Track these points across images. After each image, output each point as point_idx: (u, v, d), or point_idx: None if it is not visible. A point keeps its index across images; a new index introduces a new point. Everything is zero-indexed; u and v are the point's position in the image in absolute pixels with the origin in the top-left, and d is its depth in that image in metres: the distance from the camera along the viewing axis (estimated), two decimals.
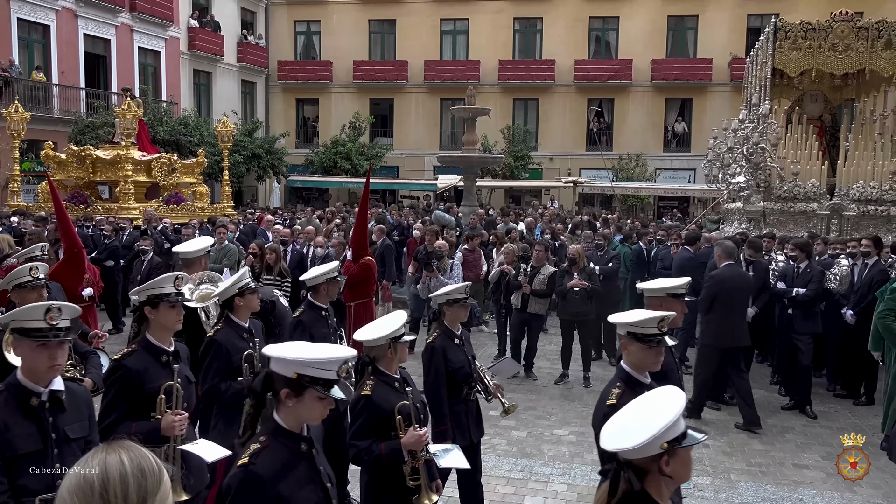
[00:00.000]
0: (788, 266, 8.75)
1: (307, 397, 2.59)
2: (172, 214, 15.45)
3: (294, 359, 2.60)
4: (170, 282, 3.80)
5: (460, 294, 4.73)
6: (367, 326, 3.82)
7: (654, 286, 4.58)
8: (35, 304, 3.08)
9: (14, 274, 4.75)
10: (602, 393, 3.60)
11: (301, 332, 5.11)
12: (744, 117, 13.15)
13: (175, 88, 28.05)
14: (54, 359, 3.02)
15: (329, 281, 5.40)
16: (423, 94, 33.13)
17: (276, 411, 2.64)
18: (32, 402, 2.99)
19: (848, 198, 11.82)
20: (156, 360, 3.70)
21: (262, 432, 2.64)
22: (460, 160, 18.68)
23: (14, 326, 3.01)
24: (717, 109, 28.73)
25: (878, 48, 12.01)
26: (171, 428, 3.55)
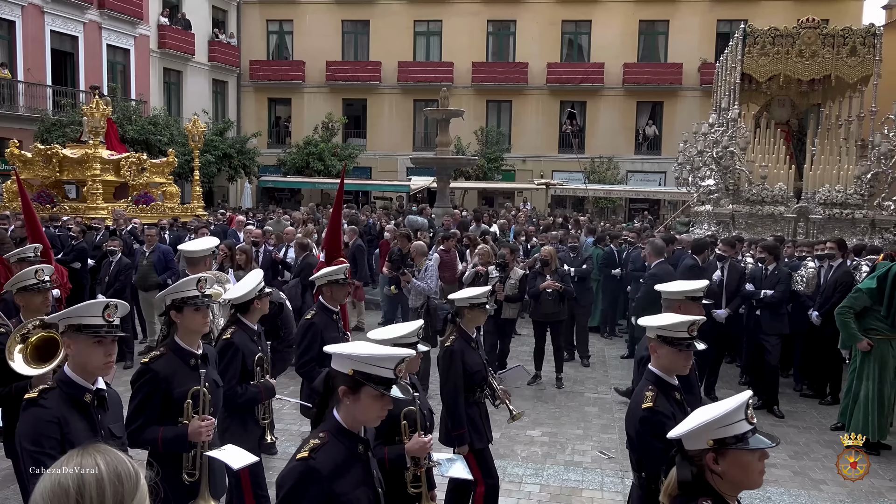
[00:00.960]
0: (757, 268, 8.90)
1: (363, 395, 2.56)
2: (142, 215, 15.23)
3: (350, 354, 2.58)
4: (193, 284, 3.71)
5: (483, 298, 4.70)
6: (379, 332, 3.73)
7: (673, 289, 4.59)
8: (94, 301, 3.08)
9: (19, 277, 4.63)
10: (634, 398, 3.56)
11: (313, 335, 5.01)
12: (713, 121, 13.35)
13: (144, 87, 27.68)
14: (110, 355, 3.06)
15: (332, 283, 5.24)
16: (397, 95, 33.09)
17: (337, 410, 2.63)
18: (86, 398, 3.00)
19: (814, 201, 12.06)
20: (185, 364, 3.64)
21: (321, 429, 2.63)
22: (433, 161, 18.69)
23: (71, 323, 3.01)
24: (687, 113, 29.12)
25: (843, 55, 12.27)
26: (197, 433, 3.49)
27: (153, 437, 3.49)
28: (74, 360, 3.03)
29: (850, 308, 7.12)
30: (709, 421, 2.24)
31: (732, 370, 9.89)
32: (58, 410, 2.91)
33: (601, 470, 6.49)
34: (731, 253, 8.92)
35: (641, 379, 4.25)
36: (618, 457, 6.73)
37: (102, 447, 1.51)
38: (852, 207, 11.92)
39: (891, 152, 11.75)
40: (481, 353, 4.79)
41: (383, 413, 2.63)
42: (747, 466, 2.27)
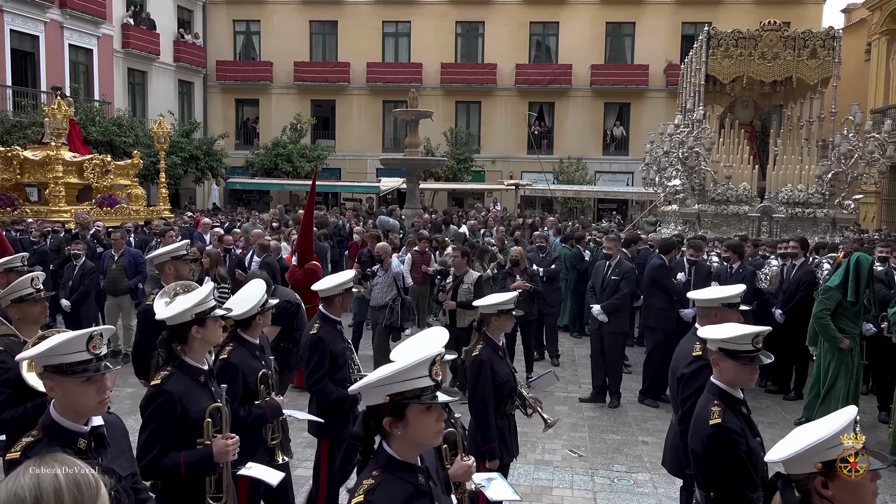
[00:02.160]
0: (722, 267, 9.04)
1: (411, 416, 2.30)
2: (106, 217, 14.97)
3: (378, 380, 2.30)
4: (210, 295, 3.49)
5: (510, 304, 4.54)
6: (408, 345, 3.57)
7: (708, 296, 4.36)
8: (74, 335, 2.60)
9: (14, 286, 4.31)
10: (697, 413, 3.41)
11: (321, 351, 4.76)
12: (679, 122, 13.54)
13: (108, 87, 27.20)
14: (103, 392, 2.65)
15: (345, 292, 4.95)
16: (366, 96, 32.98)
17: (388, 445, 2.36)
18: (80, 444, 2.62)
19: (777, 200, 12.29)
20: (195, 382, 3.40)
21: (372, 466, 2.36)
22: (403, 163, 18.69)
23: (50, 364, 2.56)
24: (653, 114, 29.48)
25: (803, 57, 12.53)
26: (224, 454, 3.28)
27: (174, 464, 3.22)
28: (61, 404, 2.61)
29: (827, 309, 7.26)
30: (816, 443, 2.07)
31: None
32: None
33: (571, 469, 6.53)
34: (698, 256, 9.05)
35: (682, 391, 4.14)
36: (587, 455, 6.79)
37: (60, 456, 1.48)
38: (814, 206, 12.18)
39: (850, 152, 12.03)
40: (508, 362, 4.64)
41: (440, 425, 2.37)
42: (859, 490, 2.08)
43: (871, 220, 25.08)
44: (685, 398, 4.10)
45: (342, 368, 4.83)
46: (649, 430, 7.57)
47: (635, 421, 7.90)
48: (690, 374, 4.11)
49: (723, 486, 3.20)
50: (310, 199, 8.75)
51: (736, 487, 3.16)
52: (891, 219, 24.93)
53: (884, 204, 25.50)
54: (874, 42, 26.23)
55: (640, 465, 6.61)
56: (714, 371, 3.41)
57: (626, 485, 6.17)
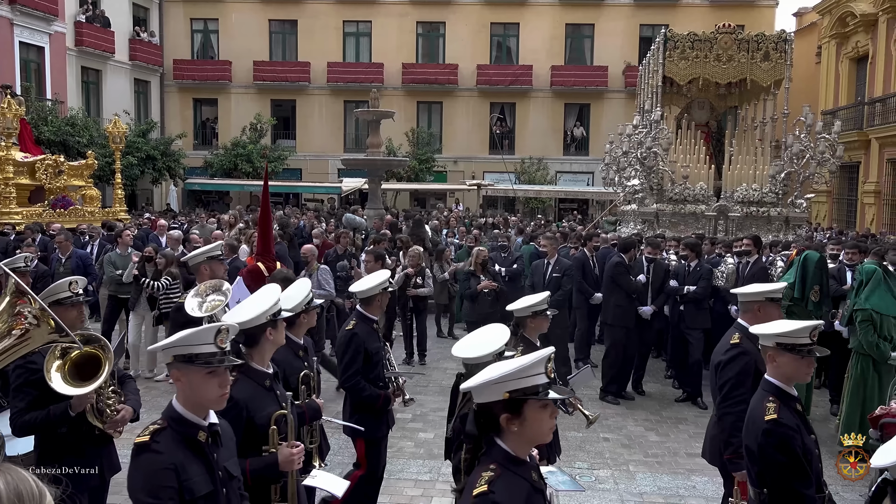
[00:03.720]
0: (680, 265, 9.20)
1: (528, 413, 2.34)
2: (60, 219, 14.61)
3: (500, 377, 2.33)
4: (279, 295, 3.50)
5: (543, 305, 4.56)
6: (469, 343, 3.50)
7: (752, 290, 4.46)
8: (205, 327, 2.72)
9: (52, 289, 4.20)
10: (752, 410, 3.44)
11: (356, 347, 4.77)
12: (637, 123, 13.73)
13: (61, 86, 26.53)
14: (224, 386, 2.71)
15: (384, 291, 4.98)
16: (327, 95, 32.75)
17: (503, 441, 2.39)
18: (200, 437, 2.68)
19: (733, 200, 12.54)
20: (261, 386, 3.35)
21: (487, 461, 2.37)
22: (365, 163, 18.60)
23: (180, 353, 2.65)
24: (613, 115, 29.82)
25: (757, 59, 12.81)
26: (289, 462, 3.24)
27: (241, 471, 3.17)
28: (185, 395, 2.68)
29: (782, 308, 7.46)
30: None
31: (658, 364, 10.19)
32: (173, 455, 2.58)
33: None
34: (656, 254, 9.20)
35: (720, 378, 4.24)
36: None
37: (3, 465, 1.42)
38: (768, 205, 12.46)
39: (802, 153, 12.34)
40: None
41: (553, 422, 2.42)
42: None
43: (822, 219, 25.77)
44: (722, 384, 4.28)
45: (377, 367, 4.88)
46: (610, 427, 7.67)
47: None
48: (728, 360, 4.26)
49: (777, 483, 3.23)
50: (264, 198, 8.68)
51: (790, 483, 3.20)
52: (841, 217, 25.66)
53: (834, 202, 26.23)
54: (824, 45, 26.96)
55: (601, 462, 6.69)
56: (769, 367, 3.43)
57: (587, 481, 6.23)
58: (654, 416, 8.07)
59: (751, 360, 4.16)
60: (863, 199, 23.83)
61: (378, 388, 4.84)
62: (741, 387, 4.13)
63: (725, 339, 4.45)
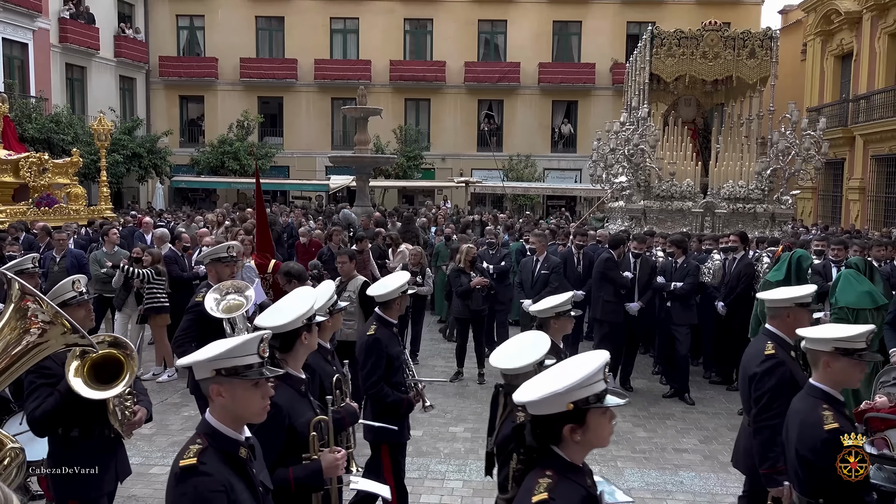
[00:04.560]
0: (667, 261, 9.24)
1: (591, 421, 2.30)
2: (45, 217, 14.47)
3: (564, 389, 2.27)
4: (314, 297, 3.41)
5: (567, 306, 4.48)
6: (507, 351, 3.44)
7: (781, 296, 4.23)
8: (249, 338, 2.53)
9: (56, 291, 4.09)
10: (804, 419, 3.34)
11: (378, 352, 4.65)
12: (624, 120, 13.75)
13: (45, 83, 26.27)
14: (266, 397, 2.57)
15: (403, 294, 4.82)
16: (314, 93, 32.64)
17: (560, 449, 2.35)
18: (241, 453, 2.55)
19: (719, 196, 12.59)
20: (297, 392, 3.27)
21: (541, 470, 2.33)
22: (352, 160, 18.58)
23: (223, 367, 2.47)
24: (600, 112, 29.92)
25: (743, 57, 12.86)
26: (334, 468, 3.14)
27: (283, 479, 3.08)
28: (226, 409, 2.51)
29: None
30: None
31: (646, 360, 10.23)
32: (221, 475, 2.43)
33: None
34: (642, 248, 9.24)
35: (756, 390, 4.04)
36: None
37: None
38: (754, 202, 12.52)
39: (787, 149, 12.41)
40: None
41: (612, 427, 2.40)
42: None
43: (808, 215, 25.96)
44: (758, 396, 4.07)
45: (398, 371, 4.78)
46: None
47: None
48: (763, 372, 4.05)
49: (841, 492, 3.16)
50: (258, 198, 8.69)
51: (857, 493, 3.15)
52: (826, 213, 25.86)
53: (819, 199, 26.43)
54: (809, 43, 27.14)
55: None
56: (820, 373, 3.36)
57: None
58: (642, 412, 8.11)
59: (787, 370, 4.02)
60: (847, 195, 24.02)
61: (400, 393, 4.76)
62: (778, 399, 3.97)
63: (757, 349, 4.22)
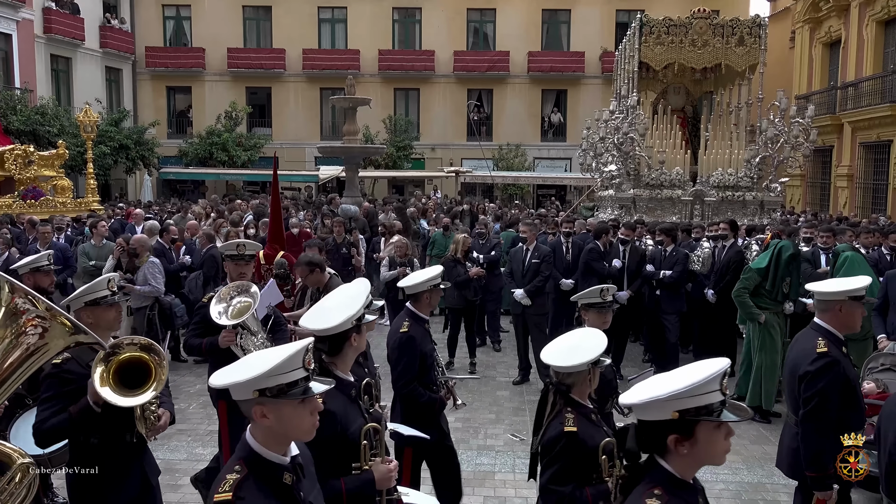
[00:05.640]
0: (656, 250, 9.26)
1: (701, 434, 2.14)
2: (31, 210, 14.37)
3: (668, 395, 2.13)
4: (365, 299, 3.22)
5: (595, 297, 4.39)
6: (561, 348, 3.32)
7: (833, 288, 4.00)
8: (293, 351, 2.23)
9: (90, 288, 3.87)
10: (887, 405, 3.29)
11: (412, 351, 4.45)
12: (614, 108, 13.74)
13: (30, 75, 26.00)
14: (315, 413, 2.31)
15: (433, 288, 4.61)
16: (302, 83, 32.45)
17: (667, 462, 2.20)
18: (286, 479, 2.27)
19: (708, 184, 12.62)
20: (348, 398, 3.07)
21: (649, 484, 2.19)
22: (341, 151, 18.48)
23: (267, 386, 2.18)
24: (589, 101, 29.90)
25: (731, 44, 12.86)
26: (387, 479, 2.97)
27: (335, 492, 2.87)
28: (268, 431, 2.24)
29: (745, 288, 7.57)
30: None
31: (636, 348, 10.27)
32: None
33: (513, 453, 6.61)
34: (631, 236, 9.25)
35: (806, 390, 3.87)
36: (528, 439, 6.86)
37: None
38: (743, 190, 12.56)
39: (776, 137, 12.44)
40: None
41: (728, 444, 2.21)
42: None
43: (796, 202, 26.08)
44: (808, 397, 3.88)
45: (430, 370, 4.60)
46: None
47: None
48: (816, 371, 3.84)
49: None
50: (274, 188, 8.70)
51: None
52: (814, 201, 25.98)
53: (808, 186, 26.54)
54: (798, 30, 27.18)
55: None
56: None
57: None
58: None
59: (840, 369, 3.84)
60: (836, 182, 24.13)
61: (432, 392, 4.61)
62: (830, 400, 3.82)
63: (807, 346, 3.98)
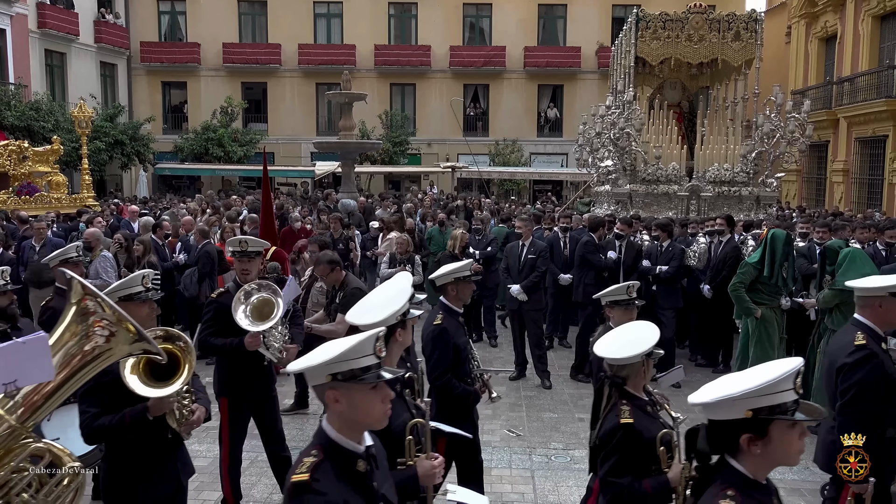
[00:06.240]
0: (653, 245, 9.26)
1: (775, 434, 2.11)
2: (26, 206, 14.31)
3: (741, 394, 2.10)
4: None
5: (622, 295, 4.37)
6: (613, 341, 3.32)
7: (873, 284, 3.94)
8: (365, 337, 2.28)
9: (124, 283, 3.83)
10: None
11: (445, 342, 4.44)
12: (610, 104, 13.75)
13: (24, 70, 25.86)
14: (387, 401, 2.33)
15: (459, 280, 4.57)
16: (298, 78, 32.35)
17: (739, 462, 2.17)
18: (359, 466, 2.30)
19: (704, 179, 12.63)
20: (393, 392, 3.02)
21: (722, 485, 2.17)
22: (338, 146, 18.47)
23: (340, 371, 2.23)
24: (586, 96, 29.86)
25: (728, 39, 12.86)
26: (431, 476, 2.93)
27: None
28: (344, 417, 2.28)
29: (742, 283, 7.57)
30: None
31: None
32: (336, 493, 2.20)
33: (509, 448, 6.61)
34: (628, 231, 9.26)
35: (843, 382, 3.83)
36: (525, 434, 6.88)
37: None
38: (739, 185, 12.57)
39: (772, 132, 12.45)
40: None
41: (802, 443, 2.17)
42: None
43: (792, 198, 26.10)
44: (845, 389, 3.85)
45: (465, 363, 4.60)
46: (585, 408, 7.70)
47: (571, 399, 8.05)
48: (854, 363, 3.81)
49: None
50: (264, 184, 8.65)
51: None
52: (810, 196, 26.01)
53: (804, 181, 26.57)
54: (794, 25, 27.17)
55: (576, 442, 6.74)
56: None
57: (563, 462, 6.28)
58: None
59: (879, 362, 3.80)
60: (831, 177, 24.16)
61: (466, 385, 4.58)
62: (867, 392, 3.78)
63: (846, 339, 3.95)
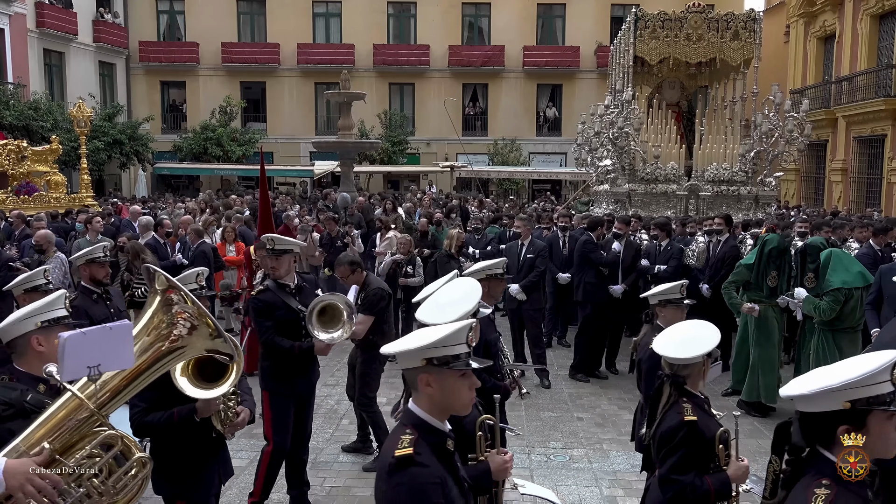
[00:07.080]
0: (651, 244, 9.27)
1: (873, 425, 2.08)
2: (24, 206, 14.31)
3: (838, 385, 2.05)
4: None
5: (675, 294, 4.30)
6: (673, 340, 3.32)
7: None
8: (460, 327, 2.40)
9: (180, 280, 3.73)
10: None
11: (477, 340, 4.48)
12: (609, 103, 13.74)
13: (23, 69, 25.84)
14: (473, 389, 2.43)
15: (490, 278, 4.55)
16: (297, 77, 32.34)
17: (832, 453, 2.14)
18: (449, 445, 2.42)
19: (703, 179, 12.63)
20: None
21: (817, 475, 2.14)
22: (336, 146, 18.48)
23: (433, 356, 2.34)
24: (585, 95, 29.88)
25: (726, 38, 12.85)
26: (503, 471, 2.97)
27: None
28: (433, 401, 2.38)
29: (733, 283, 7.63)
30: None
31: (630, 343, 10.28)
32: (437, 468, 2.32)
33: (508, 447, 6.60)
34: (625, 230, 9.26)
35: None
36: (524, 433, 6.88)
37: None
38: (737, 184, 12.57)
39: (771, 131, 12.44)
40: None
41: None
42: None
43: (791, 197, 26.13)
44: None
45: (495, 358, 4.60)
46: (584, 407, 7.74)
47: (570, 398, 8.06)
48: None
49: None
50: (262, 183, 8.66)
51: None
52: (809, 195, 26.04)
53: (802, 181, 26.59)
54: (792, 24, 27.19)
55: (575, 441, 6.75)
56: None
57: (561, 461, 6.29)
58: (628, 395, 8.14)
59: None
60: (830, 177, 24.18)
61: (496, 381, 4.57)
62: None
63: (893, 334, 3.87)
